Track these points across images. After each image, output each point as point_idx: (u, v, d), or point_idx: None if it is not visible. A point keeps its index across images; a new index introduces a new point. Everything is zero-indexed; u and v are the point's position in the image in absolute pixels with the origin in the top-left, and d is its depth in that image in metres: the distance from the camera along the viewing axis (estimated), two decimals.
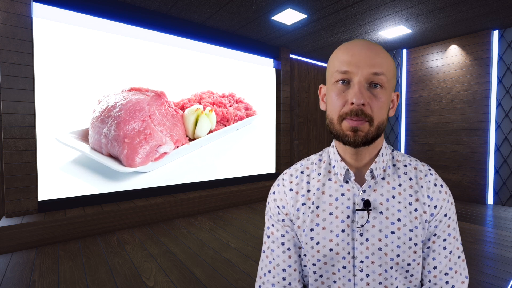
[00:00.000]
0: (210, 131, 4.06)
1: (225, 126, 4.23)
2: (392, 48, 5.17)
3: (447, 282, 0.60)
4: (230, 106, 4.27)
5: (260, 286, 0.67)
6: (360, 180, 0.63)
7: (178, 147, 3.71)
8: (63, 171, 2.97)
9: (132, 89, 3.37)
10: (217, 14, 3.61)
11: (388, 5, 3.34)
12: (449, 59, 4.59)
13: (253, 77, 4.70)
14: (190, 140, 3.89)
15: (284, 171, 0.71)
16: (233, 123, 4.31)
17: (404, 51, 5.19)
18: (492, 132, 4.20)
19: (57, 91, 2.93)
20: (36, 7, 2.88)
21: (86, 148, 3.09)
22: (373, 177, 0.61)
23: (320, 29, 4.13)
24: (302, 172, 0.68)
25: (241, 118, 4.42)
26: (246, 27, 4.06)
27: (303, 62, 5.66)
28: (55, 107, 2.92)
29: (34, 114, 2.75)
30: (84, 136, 3.11)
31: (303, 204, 0.64)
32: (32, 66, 2.74)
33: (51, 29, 2.89)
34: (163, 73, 3.68)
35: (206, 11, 3.52)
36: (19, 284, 1.93)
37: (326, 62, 6.05)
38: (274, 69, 5.09)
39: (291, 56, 5.43)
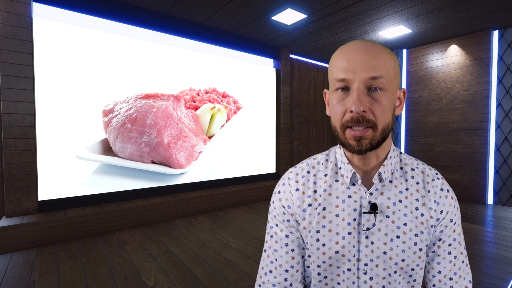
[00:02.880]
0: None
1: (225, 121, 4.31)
2: (392, 48, 5.17)
3: (451, 287, 0.61)
4: (221, 101, 4.31)
5: (260, 286, 0.66)
6: (367, 183, 0.62)
7: (205, 145, 3.95)
8: (83, 188, 3.00)
9: (149, 96, 3.43)
10: (217, 14, 3.61)
11: (388, 5, 3.34)
12: (449, 59, 4.59)
13: (253, 77, 4.69)
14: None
15: (289, 170, 0.70)
16: (231, 116, 4.39)
17: (404, 51, 5.19)
18: (492, 132, 4.20)
19: (57, 91, 2.93)
20: (36, 7, 2.88)
21: (120, 160, 3.23)
22: (380, 180, 0.60)
23: (320, 29, 4.13)
24: (308, 172, 0.67)
25: (235, 112, 4.47)
26: (246, 27, 4.06)
27: (303, 62, 5.66)
28: (55, 106, 2.92)
29: (34, 114, 2.75)
30: (102, 149, 3.18)
31: (310, 205, 0.63)
32: (32, 66, 2.74)
33: (51, 29, 2.89)
34: (163, 73, 3.68)
35: (206, 11, 3.52)
36: (19, 284, 1.93)
37: (326, 62, 6.05)
38: (274, 69, 5.09)
39: (291, 56, 5.43)
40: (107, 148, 3.23)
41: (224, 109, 4.12)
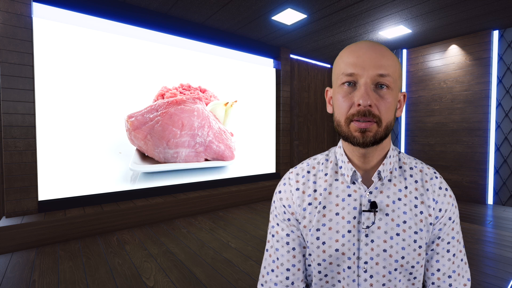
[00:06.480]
0: None
1: None
2: (392, 48, 5.17)
3: (450, 285, 0.61)
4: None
5: (262, 285, 0.67)
6: (367, 182, 0.63)
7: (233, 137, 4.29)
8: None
9: (178, 102, 3.56)
10: (217, 14, 3.61)
11: (388, 5, 3.34)
12: (449, 59, 4.59)
13: (253, 77, 4.69)
14: None
15: (290, 170, 0.71)
16: None
17: (404, 51, 5.19)
18: (492, 132, 4.20)
19: (57, 91, 2.93)
20: (36, 7, 2.88)
21: (184, 164, 3.63)
22: (380, 179, 0.61)
23: (320, 29, 4.13)
24: (308, 172, 0.68)
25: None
26: (246, 27, 4.06)
27: (303, 62, 5.66)
28: (55, 106, 2.92)
29: (34, 114, 2.75)
30: (141, 158, 3.39)
31: (310, 204, 0.64)
32: (32, 66, 2.74)
33: (51, 29, 2.89)
34: (163, 73, 3.68)
35: (206, 11, 3.52)
36: (19, 284, 1.93)
37: (326, 62, 6.05)
38: (274, 69, 5.09)
39: (291, 56, 5.43)
40: (143, 157, 3.41)
41: (236, 103, 4.34)
